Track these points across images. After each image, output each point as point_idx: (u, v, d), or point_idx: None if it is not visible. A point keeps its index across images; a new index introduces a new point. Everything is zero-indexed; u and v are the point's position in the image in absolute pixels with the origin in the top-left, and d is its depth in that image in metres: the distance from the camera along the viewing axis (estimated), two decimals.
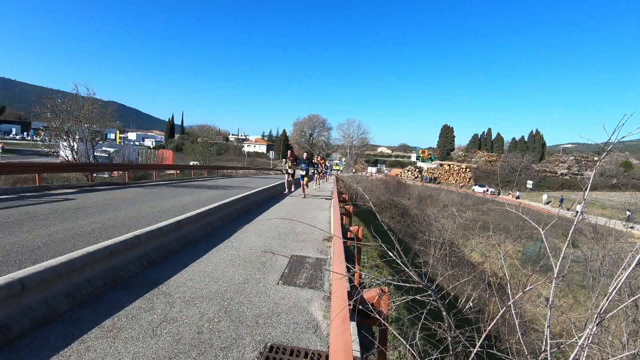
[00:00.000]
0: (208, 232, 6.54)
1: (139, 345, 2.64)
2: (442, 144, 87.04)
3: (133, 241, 4.38)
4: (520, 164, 60.37)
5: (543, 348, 1.85)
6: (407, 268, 2.21)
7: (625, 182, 55.69)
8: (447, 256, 13.79)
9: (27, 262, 3.81)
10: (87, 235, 5.22)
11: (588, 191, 2.07)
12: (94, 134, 19.28)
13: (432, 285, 2.23)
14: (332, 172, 33.52)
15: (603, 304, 1.73)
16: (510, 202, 37.24)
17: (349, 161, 74.86)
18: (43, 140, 20.24)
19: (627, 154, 75.28)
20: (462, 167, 68.55)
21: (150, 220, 6.42)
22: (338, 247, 4.01)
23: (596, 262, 7.36)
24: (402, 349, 4.28)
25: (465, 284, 10.03)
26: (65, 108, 17.98)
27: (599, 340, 2.89)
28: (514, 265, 10.08)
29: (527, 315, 8.37)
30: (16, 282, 2.75)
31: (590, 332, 1.74)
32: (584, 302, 10.08)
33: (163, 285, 3.86)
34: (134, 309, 3.23)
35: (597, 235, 8.87)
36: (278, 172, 41.31)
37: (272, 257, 5.17)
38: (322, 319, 3.36)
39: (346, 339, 1.85)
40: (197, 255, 5.12)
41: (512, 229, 20.80)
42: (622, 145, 75.83)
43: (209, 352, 2.64)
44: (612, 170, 61.83)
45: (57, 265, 3.18)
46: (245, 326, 3.08)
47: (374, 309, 2.34)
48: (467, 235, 21.63)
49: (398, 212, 24.58)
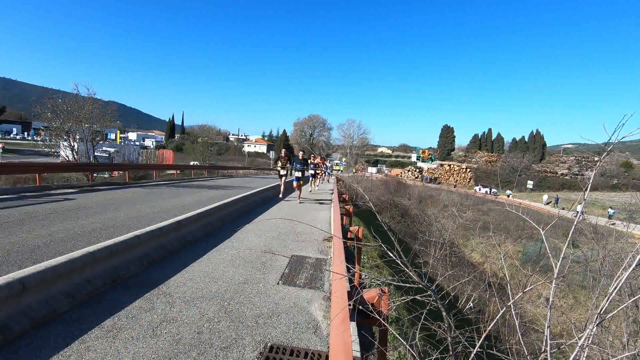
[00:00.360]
0: (208, 232, 6.54)
1: (139, 345, 2.64)
2: (443, 144, 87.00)
3: (133, 241, 4.38)
4: (521, 164, 60.34)
5: (543, 348, 1.85)
6: (407, 268, 2.20)
7: (625, 182, 55.65)
8: (447, 256, 13.78)
9: (27, 262, 3.81)
10: (88, 235, 5.22)
11: (588, 191, 2.07)
12: (94, 134, 19.30)
13: (432, 285, 2.23)
14: (332, 172, 33.49)
15: (603, 304, 1.73)
16: (510, 202, 37.26)
17: (349, 161, 74.87)
18: (43, 140, 20.24)
19: (627, 154, 75.23)
20: (463, 167, 68.54)
21: (151, 220, 6.42)
22: (338, 247, 4.01)
23: (596, 262, 7.36)
24: (402, 349, 4.28)
25: (465, 284, 10.03)
26: (65, 108, 18.00)
27: (599, 340, 2.89)
28: (514, 265, 10.08)
29: (528, 315, 8.36)
30: (16, 282, 2.75)
31: (591, 333, 1.73)
32: (585, 303, 10.07)
33: (163, 285, 3.86)
34: (134, 309, 3.23)
35: (597, 235, 8.88)
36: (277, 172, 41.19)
37: (272, 257, 5.17)
38: (322, 319, 3.36)
39: (346, 339, 1.85)
40: (197, 255, 5.12)
41: (512, 229, 20.81)
42: (622, 145, 75.83)
43: (209, 352, 2.64)
44: (613, 171, 61.78)
45: (57, 265, 3.18)
46: (245, 326, 3.08)
47: (373, 309, 2.34)
48: (467, 235, 21.63)
49: (398, 213, 24.58)
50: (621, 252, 7.12)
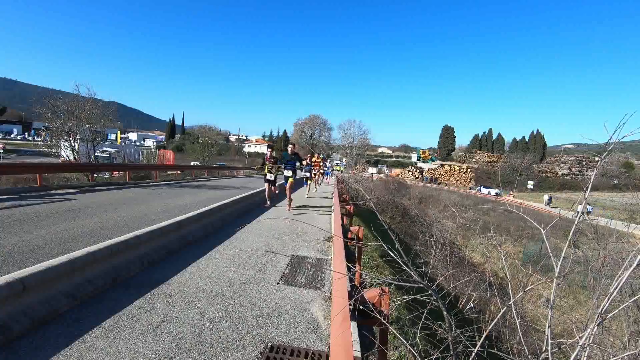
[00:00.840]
0: (209, 232, 6.54)
1: (139, 345, 2.64)
2: (443, 144, 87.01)
3: (134, 241, 4.38)
4: (521, 164, 60.27)
5: (544, 348, 1.85)
6: (408, 267, 2.20)
7: (626, 182, 55.59)
8: (447, 256, 13.79)
9: (28, 262, 3.82)
10: (88, 235, 5.23)
11: (589, 191, 2.07)
12: (94, 134, 19.35)
13: (432, 285, 2.23)
14: (333, 172, 33.47)
15: (604, 304, 1.73)
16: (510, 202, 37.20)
17: (349, 162, 74.85)
18: (44, 140, 20.30)
19: (628, 154, 75.16)
20: (463, 167, 68.51)
21: (151, 220, 6.43)
22: (339, 247, 4.01)
23: (597, 262, 7.35)
24: (402, 349, 4.28)
25: (466, 284, 10.03)
26: (66, 108, 18.04)
27: (600, 340, 2.88)
28: (515, 265, 10.07)
29: (529, 315, 8.36)
30: (17, 282, 2.75)
31: (592, 332, 1.73)
32: (585, 303, 10.07)
33: (163, 285, 3.86)
34: (135, 309, 3.23)
35: (598, 235, 8.86)
36: (279, 172, 41.21)
37: (273, 257, 5.17)
38: (323, 319, 3.36)
39: (347, 339, 1.85)
40: (198, 255, 5.12)
41: (512, 229, 20.80)
42: (623, 145, 75.70)
43: (209, 352, 2.64)
44: (614, 171, 61.74)
45: (58, 265, 3.18)
46: (245, 326, 3.08)
47: (374, 309, 2.34)
48: (468, 235, 21.62)
49: (399, 213, 24.58)
50: (622, 252, 7.12)
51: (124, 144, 44.65)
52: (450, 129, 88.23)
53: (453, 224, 17.66)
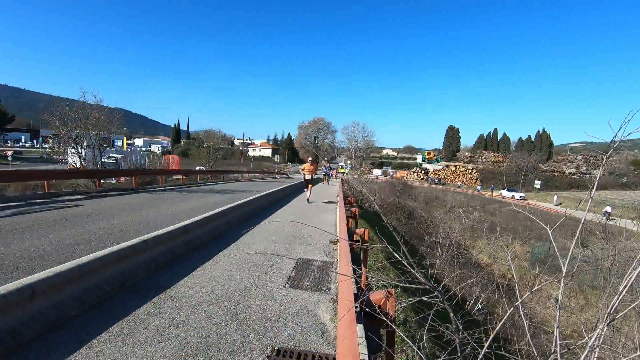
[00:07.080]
0: (215, 236, 6.57)
1: (147, 350, 2.66)
2: (448, 145, 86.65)
3: (140, 246, 4.41)
4: (527, 164, 59.74)
5: (553, 349, 1.83)
6: (414, 269, 2.20)
7: (635, 180, 54.80)
8: (454, 258, 13.69)
9: (37, 268, 3.85)
10: (96, 240, 5.27)
11: (595, 189, 2.05)
12: (101, 140, 19.55)
13: (438, 286, 2.22)
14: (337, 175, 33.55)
15: (613, 303, 1.71)
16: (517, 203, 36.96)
17: (354, 164, 74.74)
18: (52, 147, 20.56)
19: (636, 152, 74.16)
20: (469, 167, 68.10)
21: (158, 225, 6.47)
22: (344, 249, 4.01)
23: (606, 261, 7.25)
24: (409, 351, 4.26)
25: (473, 286, 9.94)
26: (73, 116, 18.26)
27: (610, 341, 2.84)
28: (523, 266, 9.96)
29: (537, 316, 8.26)
30: (26, 288, 2.79)
31: (601, 333, 1.71)
32: (595, 303, 9.91)
33: (170, 290, 3.88)
34: (142, 314, 3.25)
35: (607, 234, 8.74)
36: (283, 175, 41.44)
37: (279, 261, 5.17)
38: (329, 322, 3.35)
39: (353, 342, 1.85)
40: (204, 259, 5.14)
41: (519, 229, 20.60)
42: (631, 143, 74.73)
43: (216, 356, 2.64)
44: (622, 169, 60.90)
45: (66, 271, 3.22)
46: (252, 330, 3.09)
47: (380, 311, 2.33)
48: (474, 236, 21.46)
49: (404, 214, 24.47)
50: (632, 251, 7.00)
51: (130, 150, 45.04)
52: (455, 130, 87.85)
53: (459, 225, 17.55)
